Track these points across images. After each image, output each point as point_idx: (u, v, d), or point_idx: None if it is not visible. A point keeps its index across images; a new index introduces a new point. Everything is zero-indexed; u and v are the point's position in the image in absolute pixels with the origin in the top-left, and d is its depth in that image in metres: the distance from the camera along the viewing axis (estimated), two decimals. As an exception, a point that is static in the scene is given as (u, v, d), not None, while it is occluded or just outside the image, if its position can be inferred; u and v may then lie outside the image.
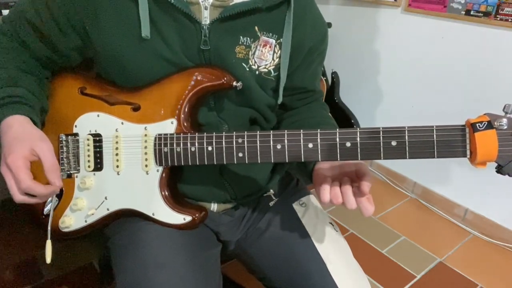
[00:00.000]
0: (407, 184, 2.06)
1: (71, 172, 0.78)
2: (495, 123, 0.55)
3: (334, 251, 0.79)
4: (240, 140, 0.66)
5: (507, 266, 1.60)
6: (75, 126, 0.77)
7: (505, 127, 0.55)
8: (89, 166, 0.76)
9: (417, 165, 2.00)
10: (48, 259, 0.75)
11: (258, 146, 0.65)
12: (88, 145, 0.76)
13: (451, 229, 1.82)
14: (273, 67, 0.76)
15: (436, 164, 1.90)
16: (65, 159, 0.77)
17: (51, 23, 0.73)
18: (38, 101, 0.74)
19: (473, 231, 1.79)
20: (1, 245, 1.50)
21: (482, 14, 1.60)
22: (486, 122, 0.55)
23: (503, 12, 1.54)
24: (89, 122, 0.76)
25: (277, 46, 0.76)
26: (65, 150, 0.77)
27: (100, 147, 0.76)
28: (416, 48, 1.87)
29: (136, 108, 0.74)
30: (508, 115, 0.55)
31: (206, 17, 0.70)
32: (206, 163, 0.69)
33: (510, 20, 1.53)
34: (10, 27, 0.76)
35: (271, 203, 0.88)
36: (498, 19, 1.56)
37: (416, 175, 2.02)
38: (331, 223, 0.86)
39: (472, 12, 1.63)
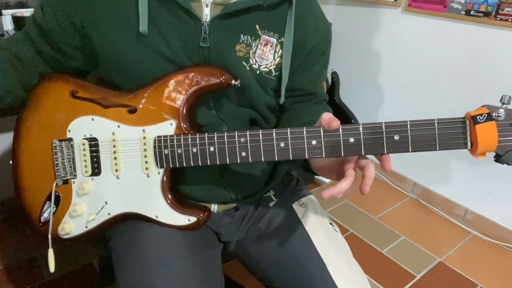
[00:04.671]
0: (407, 184, 2.06)
1: (68, 178, 0.77)
2: (493, 114, 0.57)
3: (334, 251, 0.79)
4: (242, 140, 0.66)
5: (507, 266, 1.60)
6: (69, 131, 0.76)
7: (503, 118, 0.57)
8: (86, 171, 0.75)
9: (417, 165, 2.00)
10: (52, 268, 0.75)
11: (261, 145, 0.65)
12: (84, 150, 0.75)
13: (451, 229, 1.82)
14: (274, 66, 0.76)
15: (436, 164, 1.90)
16: (60, 165, 0.76)
17: (53, 21, 0.74)
18: (2, 77, 0.74)
19: (473, 231, 1.79)
20: (1, 245, 1.50)
21: (482, 14, 1.60)
22: (486, 114, 0.57)
23: (503, 12, 1.54)
24: (83, 126, 0.75)
25: (278, 45, 0.75)
26: (59, 155, 0.76)
27: (97, 151, 0.75)
28: (416, 48, 1.87)
29: (132, 111, 0.73)
30: (505, 106, 0.57)
31: (207, 15, 0.70)
32: (208, 164, 0.69)
33: (510, 20, 1.53)
34: (26, 26, 0.79)
35: (271, 204, 0.88)
36: (498, 19, 1.56)
37: (416, 175, 2.02)
38: (331, 223, 0.86)
39: (472, 12, 1.63)
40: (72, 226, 0.77)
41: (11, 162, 0.81)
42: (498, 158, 0.59)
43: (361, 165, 0.63)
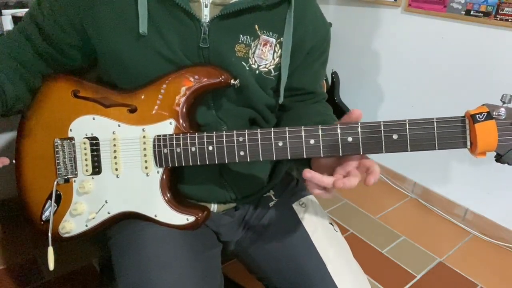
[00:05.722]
0: (407, 184, 2.06)
1: (69, 176, 0.77)
2: (494, 113, 0.56)
3: (334, 251, 0.79)
4: (241, 139, 0.66)
5: (507, 266, 1.60)
6: (70, 130, 0.76)
7: (503, 117, 0.56)
8: (87, 170, 0.76)
9: (417, 165, 2.00)
10: (51, 266, 0.75)
11: (259, 144, 0.65)
12: (85, 149, 0.75)
13: (451, 229, 1.82)
14: (273, 66, 0.76)
15: (436, 164, 1.90)
16: (61, 164, 0.77)
17: (52, 21, 0.73)
18: (13, 87, 0.74)
19: (473, 231, 1.79)
20: (1, 245, 1.50)
21: (482, 14, 1.60)
22: (486, 113, 0.57)
23: (503, 12, 1.54)
24: (84, 126, 0.76)
25: (278, 45, 0.75)
26: (61, 154, 0.77)
27: (98, 150, 0.75)
28: (416, 48, 1.87)
29: (133, 110, 0.73)
30: (505, 105, 0.57)
31: (206, 15, 0.70)
32: (207, 163, 0.69)
33: (510, 20, 1.53)
34: (22, 24, 0.78)
35: (271, 204, 0.88)
36: (498, 19, 1.56)
37: (416, 175, 2.02)
38: (331, 223, 0.86)
39: (472, 12, 1.63)
40: (72, 225, 0.77)
41: (13, 161, 0.81)
42: (498, 158, 0.58)
43: (366, 164, 0.62)
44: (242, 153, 0.67)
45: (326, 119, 0.80)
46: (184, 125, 0.71)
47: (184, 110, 0.71)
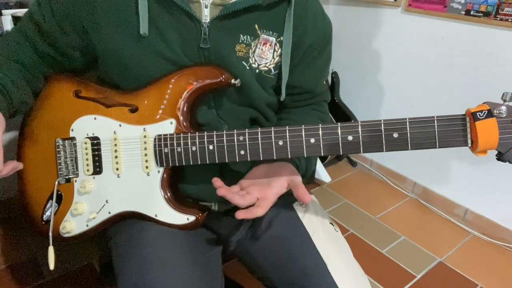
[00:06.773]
0: (407, 184, 2.06)
1: (70, 176, 0.77)
2: (495, 111, 0.56)
3: (334, 251, 0.79)
4: (241, 138, 0.66)
5: (507, 266, 1.60)
6: (72, 130, 0.77)
7: (504, 115, 0.56)
8: (88, 170, 0.76)
9: (417, 165, 2.00)
10: (52, 266, 0.75)
11: (260, 143, 0.66)
12: (86, 149, 0.76)
13: (451, 229, 1.82)
14: (273, 65, 0.76)
15: (436, 164, 1.90)
16: (63, 164, 0.77)
17: (52, 21, 0.73)
18: (18, 91, 0.74)
19: (473, 231, 1.79)
20: (1, 245, 1.50)
21: (482, 14, 1.60)
22: (486, 111, 0.57)
23: (503, 12, 1.54)
24: (86, 126, 0.76)
25: (277, 44, 0.76)
26: (62, 154, 0.77)
27: (99, 150, 0.75)
28: (416, 48, 1.87)
29: (134, 110, 0.74)
30: (506, 103, 0.57)
31: (206, 16, 0.71)
32: (207, 162, 0.69)
33: (510, 20, 1.53)
34: (22, 25, 0.78)
35: (271, 203, 0.88)
36: (498, 19, 1.56)
37: (416, 175, 2.02)
38: (331, 223, 0.86)
39: (472, 12, 1.63)
40: (73, 225, 0.77)
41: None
42: (500, 156, 0.58)
43: (259, 203, 0.69)
44: (242, 152, 0.67)
45: None
46: (184, 124, 0.71)
47: (185, 109, 0.71)
